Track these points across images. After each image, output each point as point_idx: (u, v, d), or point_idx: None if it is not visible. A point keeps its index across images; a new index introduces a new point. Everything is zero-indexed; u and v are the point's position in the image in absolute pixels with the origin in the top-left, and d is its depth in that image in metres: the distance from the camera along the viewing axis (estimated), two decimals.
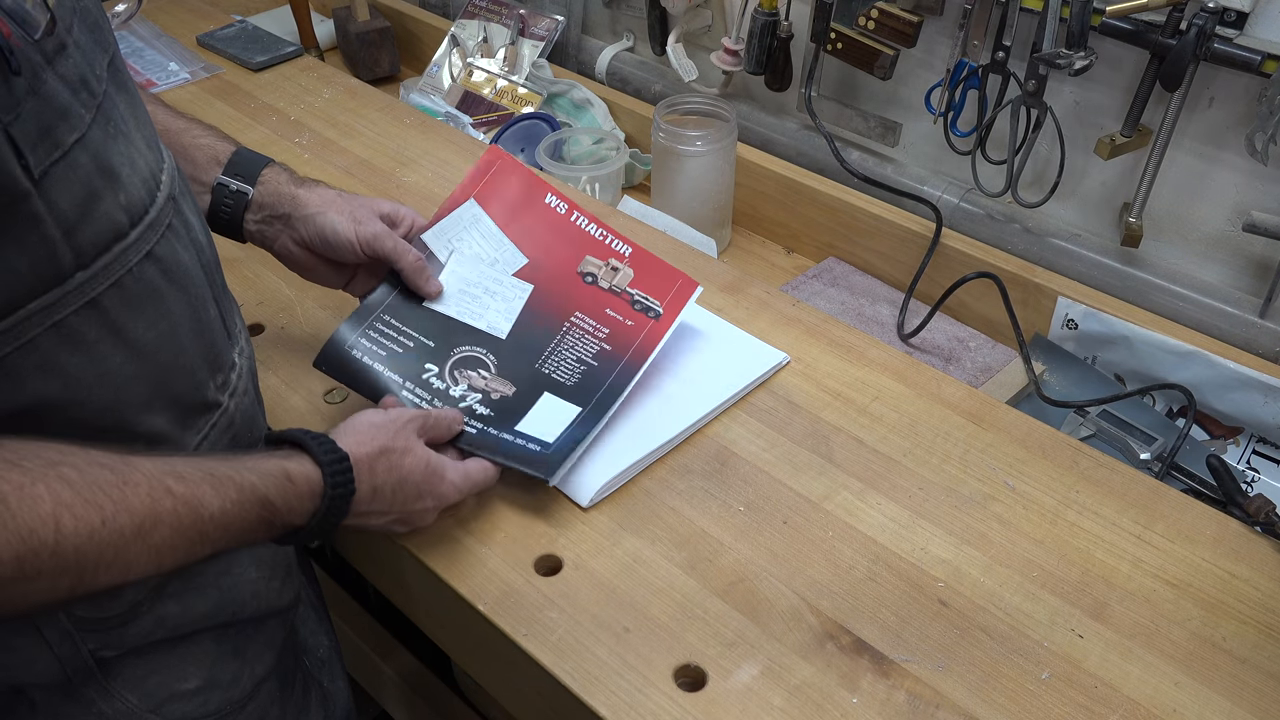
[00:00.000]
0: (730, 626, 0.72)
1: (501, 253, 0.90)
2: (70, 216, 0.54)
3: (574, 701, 0.69)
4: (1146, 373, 1.05)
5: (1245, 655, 0.71)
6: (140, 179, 0.60)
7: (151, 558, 0.54)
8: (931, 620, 0.73)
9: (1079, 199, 1.14)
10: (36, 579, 0.48)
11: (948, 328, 1.15)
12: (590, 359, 0.86)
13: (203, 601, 0.70)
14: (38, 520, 0.48)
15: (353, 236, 0.82)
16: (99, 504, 0.51)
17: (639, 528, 0.79)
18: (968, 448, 0.86)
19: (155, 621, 0.68)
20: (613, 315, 0.88)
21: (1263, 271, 1.03)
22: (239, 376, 0.72)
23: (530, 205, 0.91)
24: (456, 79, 1.52)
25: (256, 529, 0.61)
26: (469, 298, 0.88)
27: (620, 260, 0.90)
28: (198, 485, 0.57)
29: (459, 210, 0.90)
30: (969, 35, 1.10)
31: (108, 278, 0.57)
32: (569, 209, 0.91)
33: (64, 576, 0.50)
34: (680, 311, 0.89)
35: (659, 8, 1.40)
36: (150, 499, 0.54)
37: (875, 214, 1.20)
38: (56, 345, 0.55)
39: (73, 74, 0.55)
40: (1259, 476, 1.02)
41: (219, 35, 1.49)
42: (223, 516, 0.58)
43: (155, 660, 0.69)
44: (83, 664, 0.65)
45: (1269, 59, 0.91)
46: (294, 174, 0.86)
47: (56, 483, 0.49)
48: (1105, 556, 0.78)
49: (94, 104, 0.56)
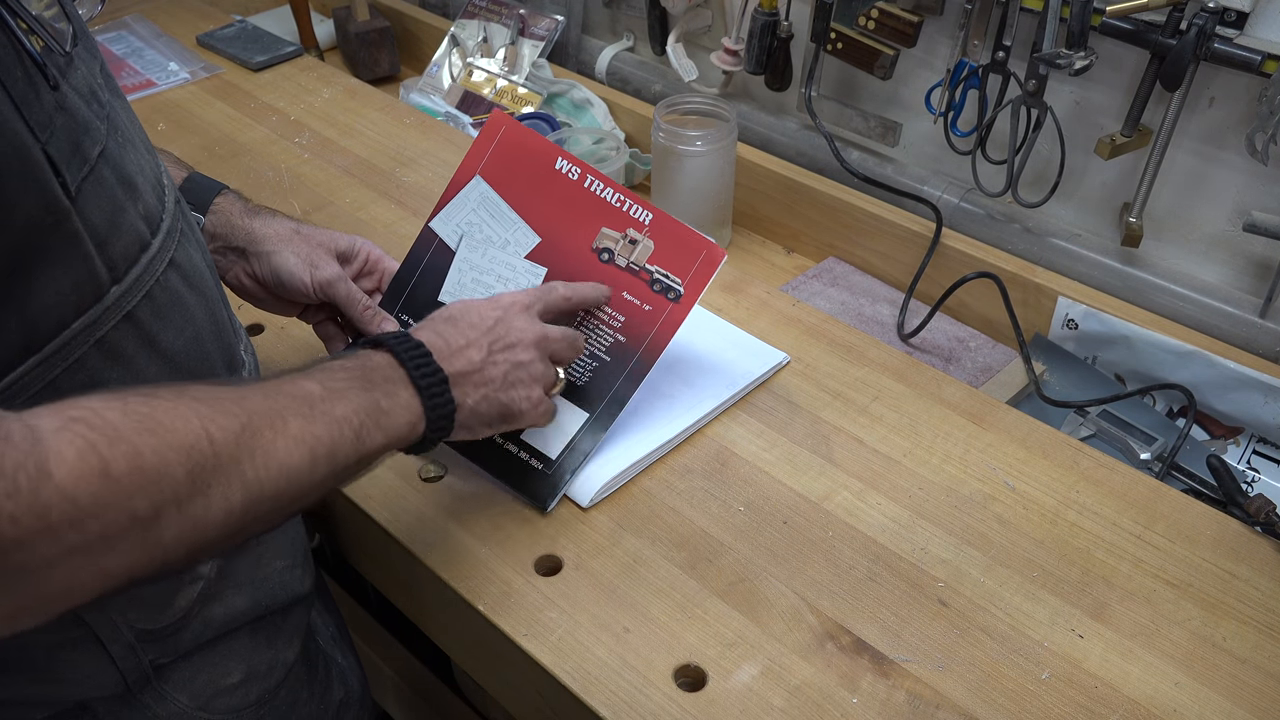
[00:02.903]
0: (730, 626, 0.72)
1: (513, 233, 0.85)
2: (101, 231, 0.54)
3: (574, 701, 0.69)
4: (1147, 373, 1.05)
5: (1245, 655, 0.71)
6: (151, 186, 0.60)
7: (302, 448, 0.55)
8: (931, 620, 0.73)
9: (1079, 199, 1.14)
10: (209, 490, 0.50)
11: (948, 328, 1.15)
12: (603, 353, 0.83)
13: (241, 598, 0.72)
14: (192, 435, 0.49)
15: (307, 279, 0.82)
16: (233, 413, 0.52)
17: (639, 528, 0.79)
18: (968, 448, 0.86)
19: (204, 624, 0.69)
20: (630, 300, 0.83)
21: (1263, 271, 1.03)
22: (249, 372, 0.73)
23: (540, 174, 0.85)
24: (456, 79, 1.52)
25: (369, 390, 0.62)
26: (482, 287, 0.85)
27: (640, 230, 0.83)
28: (292, 380, 0.59)
29: (466, 189, 0.86)
30: (969, 35, 1.10)
31: (139, 289, 0.57)
32: (581, 173, 0.84)
33: (232, 482, 0.51)
34: (702, 289, 0.83)
35: (659, 8, 1.40)
36: (266, 400, 0.55)
37: (875, 214, 1.20)
38: (100, 362, 0.56)
39: (84, 85, 0.55)
40: (1259, 476, 1.02)
41: (219, 35, 1.49)
42: (329, 393, 0.59)
43: (202, 660, 0.71)
44: (142, 673, 0.67)
45: (1269, 59, 0.91)
46: (247, 203, 0.85)
47: (192, 403, 0.51)
48: (1105, 556, 0.78)
49: (104, 114, 0.56)
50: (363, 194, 1.17)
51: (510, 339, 0.73)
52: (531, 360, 0.74)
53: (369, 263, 0.87)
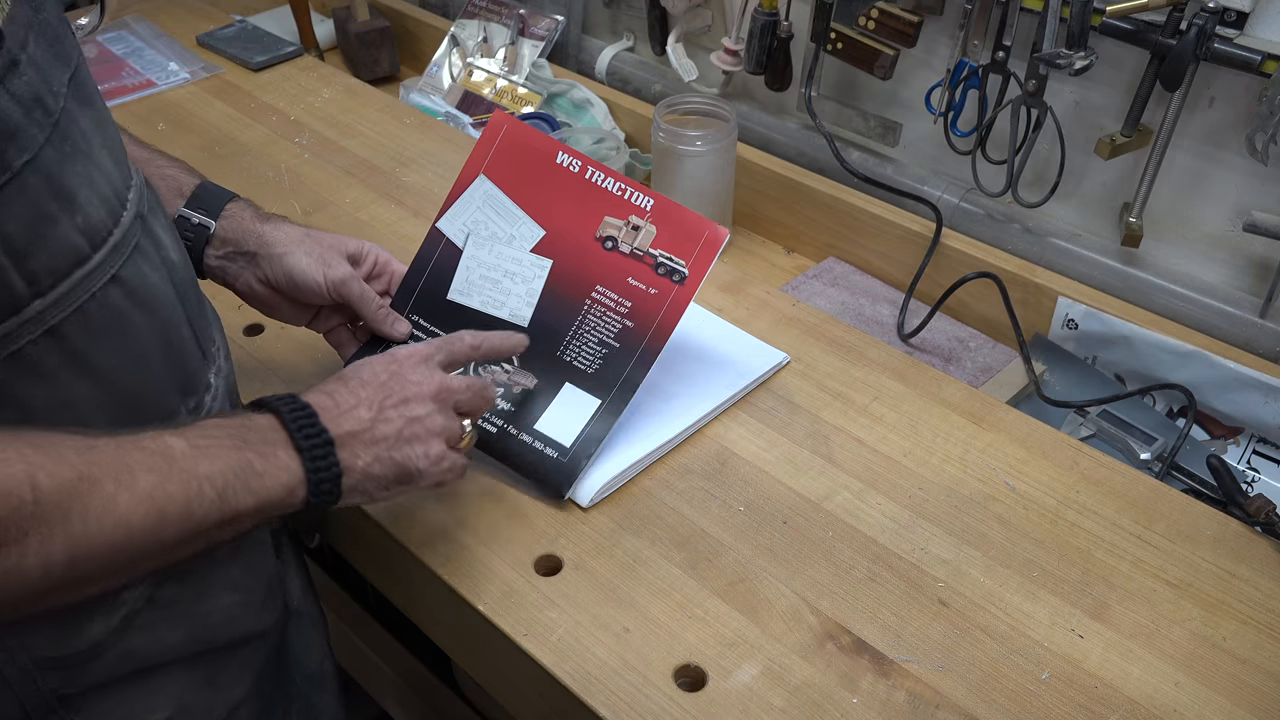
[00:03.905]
0: (730, 626, 0.72)
1: (517, 228, 0.86)
2: (19, 241, 0.52)
3: (574, 701, 0.69)
4: (1147, 373, 1.05)
5: (1245, 655, 0.71)
6: (101, 199, 0.57)
7: (148, 507, 0.52)
8: (931, 620, 0.73)
9: (1079, 199, 1.14)
10: (25, 539, 0.47)
11: (948, 328, 1.15)
12: (612, 339, 0.83)
13: (173, 633, 0.67)
14: (12, 480, 0.47)
15: (320, 279, 0.81)
16: (70, 461, 0.50)
17: (639, 528, 0.79)
18: (968, 448, 0.86)
19: (121, 656, 0.65)
20: (635, 285, 0.84)
21: (1263, 271, 1.03)
22: (214, 398, 0.69)
23: (542, 169, 0.86)
24: (456, 79, 1.52)
25: (240, 450, 0.59)
26: (490, 283, 0.86)
27: (641, 216, 0.84)
28: (157, 435, 0.56)
29: (470, 189, 0.87)
30: (969, 35, 1.10)
31: (68, 305, 0.55)
32: (582, 166, 0.86)
33: (53, 533, 0.48)
34: (706, 270, 0.83)
35: (659, 8, 1.40)
36: (118, 452, 0.53)
37: (875, 214, 1.20)
38: (13, 375, 0.54)
39: (25, 92, 0.52)
40: (1259, 476, 1.02)
41: (219, 35, 1.49)
42: (194, 449, 0.56)
43: (121, 693, 0.66)
44: (43, 702, 0.62)
45: (1269, 59, 0.91)
46: (258, 210, 0.84)
47: (25, 447, 0.48)
48: (1105, 556, 0.78)
49: (49, 122, 0.54)
50: (363, 194, 1.17)
51: (404, 393, 0.69)
52: (428, 414, 0.69)
53: (378, 265, 0.87)
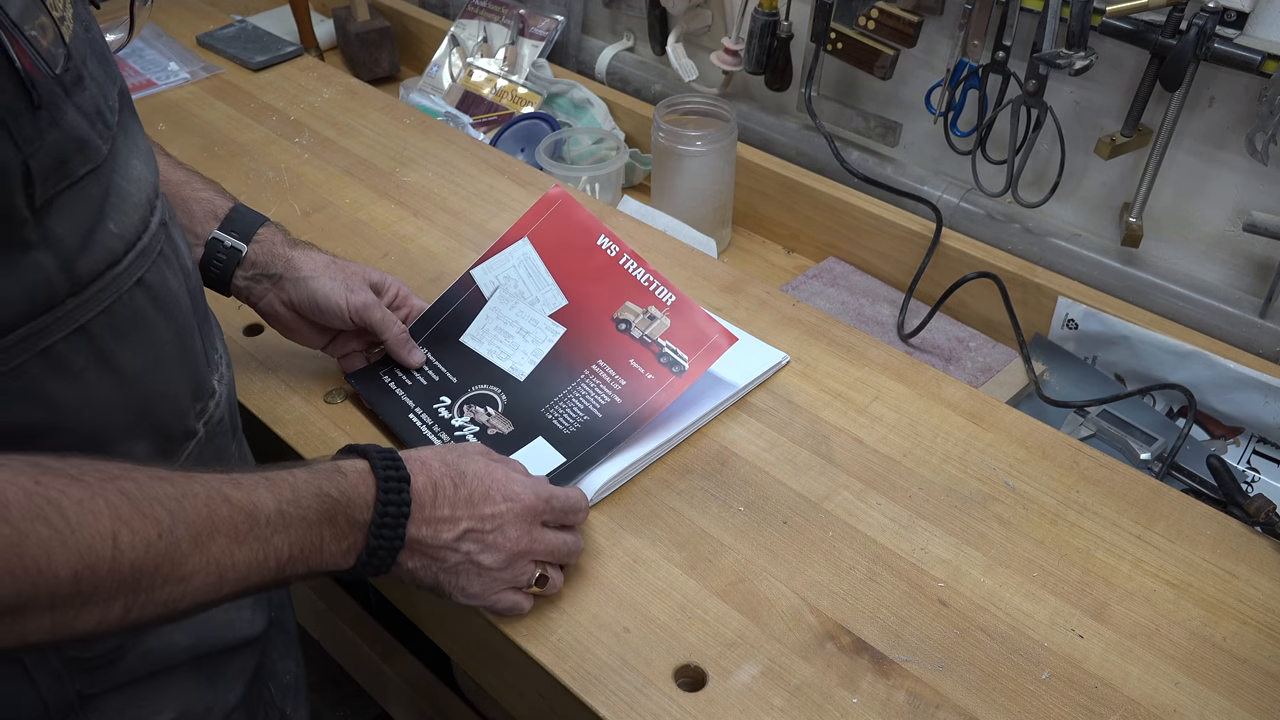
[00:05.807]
0: (730, 626, 0.72)
1: (543, 292, 0.91)
2: (71, 245, 0.54)
3: (574, 701, 0.69)
4: (1146, 373, 1.05)
5: (1245, 655, 0.71)
6: (134, 205, 0.60)
7: (211, 571, 0.53)
8: (931, 620, 0.73)
9: (1079, 199, 1.14)
10: (91, 599, 0.48)
11: (948, 328, 1.15)
12: (596, 410, 0.85)
13: (182, 635, 0.70)
14: (96, 536, 0.47)
15: (344, 304, 0.84)
16: (156, 517, 0.50)
17: (639, 528, 0.79)
18: (968, 448, 0.86)
19: (139, 658, 0.67)
20: (635, 367, 0.86)
21: (1263, 271, 1.03)
22: (217, 405, 0.71)
23: (582, 246, 0.91)
24: (456, 79, 1.52)
25: (320, 527, 0.60)
26: (503, 336, 0.90)
27: (661, 308, 0.87)
28: (253, 489, 0.56)
29: (511, 248, 0.92)
30: (969, 35, 1.10)
31: (98, 304, 0.57)
32: (619, 252, 0.89)
33: (118, 596, 0.49)
34: (706, 369, 0.85)
35: (659, 8, 1.40)
36: (208, 508, 0.53)
37: (875, 214, 1.20)
38: (44, 372, 0.55)
39: (90, 106, 0.55)
40: (1259, 476, 1.02)
41: (219, 35, 1.49)
42: (280, 517, 0.57)
43: (133, 694, 0.68)
44: (67, 703, 0.64)
45: (1269, 59, 0.91)
46: (288, 235, 0.87)
47: (116, 496, 0.49)
48: (1105, 556, 0.78)
49: (110, 135, 0.57)
50: (363, 194, 1.17)
51: (490, 539, 0.68)
52: (494, 566, 0.69)
53: (398, 298, 0.90)
